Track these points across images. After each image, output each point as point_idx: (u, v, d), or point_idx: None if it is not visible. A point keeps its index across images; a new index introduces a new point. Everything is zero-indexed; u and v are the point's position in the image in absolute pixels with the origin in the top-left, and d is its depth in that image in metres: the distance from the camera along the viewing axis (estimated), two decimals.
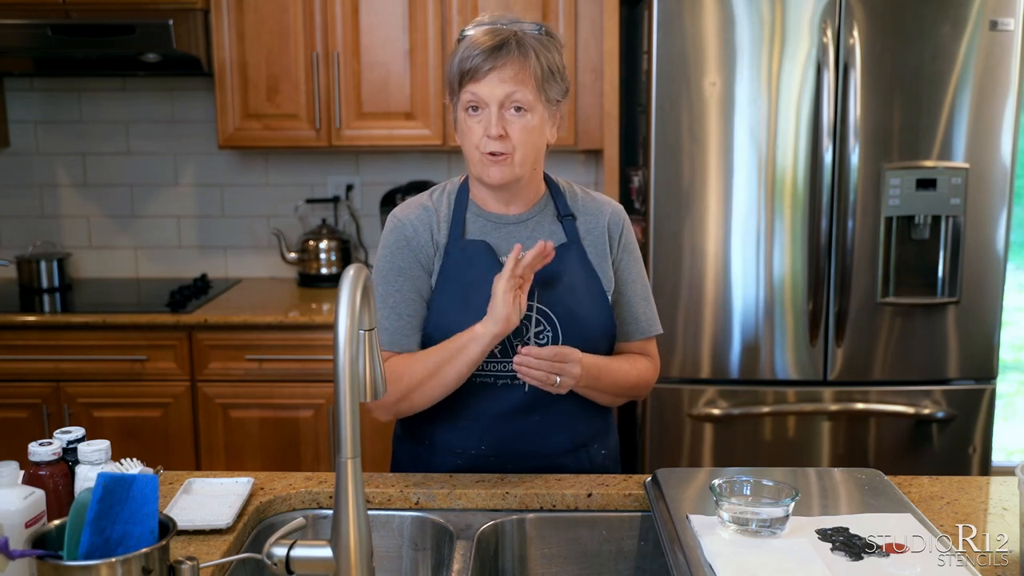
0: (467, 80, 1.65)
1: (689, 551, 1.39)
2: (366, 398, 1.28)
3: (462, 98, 1.67)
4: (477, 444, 1.75)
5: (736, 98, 2.81)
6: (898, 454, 2.95)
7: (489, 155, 1.67)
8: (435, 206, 1.78)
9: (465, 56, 1.65)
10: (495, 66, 1.63)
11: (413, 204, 1.79)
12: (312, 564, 1.25)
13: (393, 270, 1.74)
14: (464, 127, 1.69)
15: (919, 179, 2.82)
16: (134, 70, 3.50)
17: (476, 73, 1.64)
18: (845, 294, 2.86)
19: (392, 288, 1.74)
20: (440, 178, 3.60)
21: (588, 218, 1.80)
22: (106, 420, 3.11)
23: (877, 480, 1.64)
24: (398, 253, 1.75)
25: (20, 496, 1.28)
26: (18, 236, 3.68)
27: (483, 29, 1.67)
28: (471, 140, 1.68)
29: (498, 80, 1.63)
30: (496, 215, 1.77)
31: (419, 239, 1.74)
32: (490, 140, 1.65)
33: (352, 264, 1.26)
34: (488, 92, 1.64)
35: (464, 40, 1.69)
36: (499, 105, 1.64)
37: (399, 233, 1.76)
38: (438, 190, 1.82)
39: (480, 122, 1.66)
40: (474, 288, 1.68)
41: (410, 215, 1.77)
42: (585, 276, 1.75)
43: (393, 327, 1.73)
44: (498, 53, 1.63)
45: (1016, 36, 2.77)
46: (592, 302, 1.75)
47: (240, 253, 3.72)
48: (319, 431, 3.14)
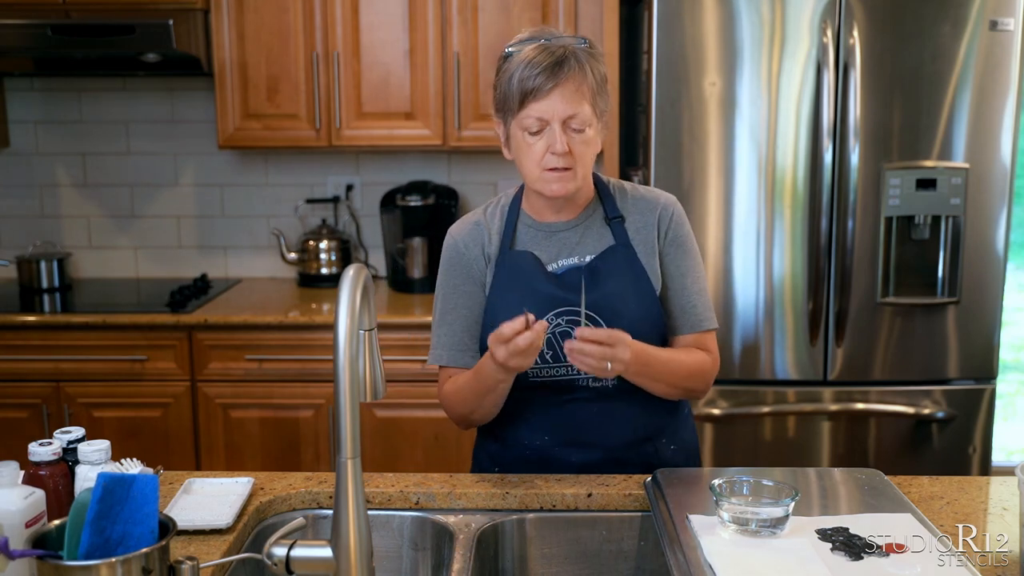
0: (529, 99, 1.64)
1: (689, 551, 1.39)
2: (366, 398, 1.28)
3: (522, 119, 1.66)
4: (541, 435, 1.79)
5: (736, 98, 2.81)
6: (898, 454, 2.95)
7: (552, 170, 1.67)
8: (487, 221, 1.81)
9: (525, 75, 1.64)
10: (556, 84, 1.63)
11: (467, 220, 1.83)
12: (312, 564, 1.25)
13: (448, 288, 1.81)
14: (522, 144, 1.69)
15: (919, 179, 2.82)
16: (134, 70, 3.50)
17: (538, 93, 1.63)
18: (845, 294, 2.86)
19: (449, 305, 1.80)
20: (440, 178, 3.61)
21: (637, 217, 1.80)
22: (106, 420, 3.11)
23: (877, 480, 1.64)
24: (452, 271, 1.81)
25: (20, 496, 1.28)
26: (18, 236, 3.68)
27: (534, 46, 1.66)
28: (532, 157, 1.68)
29: (560, 98, 1.64)
30: (546, 224, 1.79)
31: (470, 254, 1.79)
32: (554, 158, 1.66)
33: (352, 264, 1.26)
34: (551, 110, 1.64)
35: (513, 58, 1.68)
36: (561, 122, 1.65)
37: (453, 251, 1.81)
38: (493, 203, 1.85)
39: (541, 140, 1.66)
40: (523, 297, 1.72)
41: (462, 232, 1.81)
42: (633, 277, 1.76)
43: (450, 343, 1.79)
44: (559, 71, 1.64)
45: (1016, 36, 2.77)
46: (640, 302, 1.75)
47: (240, 253, 3.72)
48: (319, 431, 3.14)
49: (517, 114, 1.67)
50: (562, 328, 1.72)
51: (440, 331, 1.80)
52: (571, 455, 1.77)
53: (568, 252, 1.77)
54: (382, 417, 3.12)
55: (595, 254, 1.76)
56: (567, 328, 1.71)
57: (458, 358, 1.79)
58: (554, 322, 1.72)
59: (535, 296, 1.73)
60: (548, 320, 1.71)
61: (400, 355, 3.05)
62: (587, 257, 1.76)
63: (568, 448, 1.78)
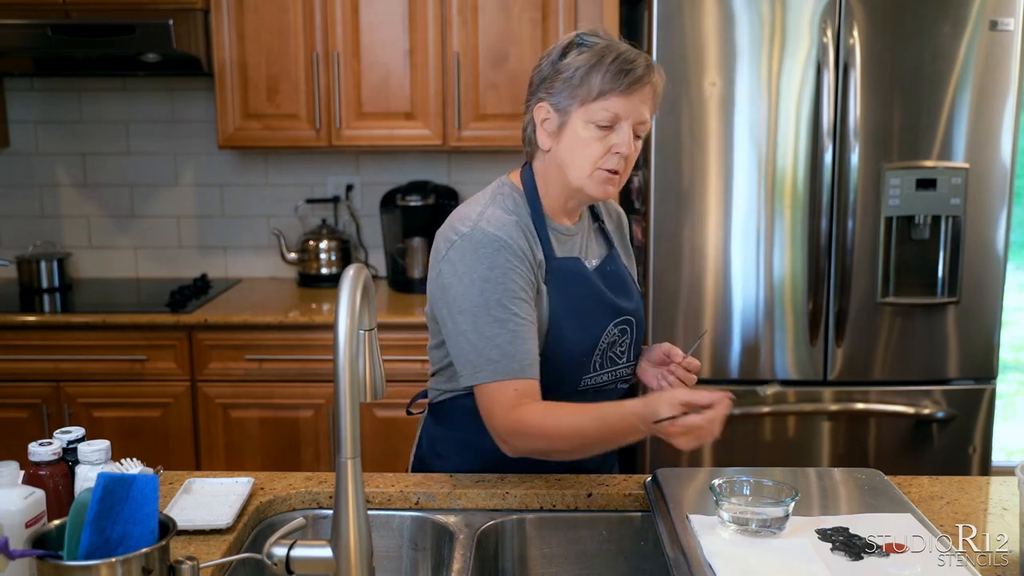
0: (613, 93, 1.57)
1: (689, 551, 1.39)
2: (366, 398, 1.28)
3: (594, 110, 1.58)
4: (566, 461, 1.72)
5: (736, 98, 2.81)
6: (898, 454, 2.95)
7: (608, 171, 1.62)
8: (521, 220, 1.66)
9: (616, 69, 1.56)
10: (643, 85, 1.58)
11: (503, 220, 1.64)
12: (312, 564, 1.25)
13: (509, 292, 1.59)
14: (583, 138, 1.60)
15: (919, 179, 2.82)
16: (134, 70, 3.50)
17: (627, 89, 1.57)
18: (845, 294, 2.86)
19: (510, 311, 1.59)
20: (440, 178, 3.61)
21: (609, 220, 1.84)
22: (106, 420, 3.11)
23: (877, 480, 1.64)
24: (510, 274, 1.60)
25: (20, 496, 1.28)
26: (18, 236, 3.68)
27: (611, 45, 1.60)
28: (591, 155, 1.60)
29: (640, 100, 1.59)
30: (562, 227, 1.72)
31: (528, 258, 1.63)
32: (616, 157, 1.60)
33: (352, 264, 1.26)
34: (631, 110, 1.58)
35: (588, 49, 1.59)
36: (632, 125, 1.60)
37: (508, 253, 1.61)
38: (508, 200, 1.69)
39: (605, 138, 1.59)
40: (581, 304, 1.67)
41: (511, 232, 1.62)
42: (630, 279, 1.80)
43: (518, 353, 1.58)
44: (648, 73, 1.59)
45: (1016, 36, 2.77)
46: (639, 299, 1.79)
47: (240, 253, 3.72)
48: (319, 431, 3.14)
49: (589, 104, 1.58)
50: (613, 336, 1.71)
51: (504, 339, 1.57)
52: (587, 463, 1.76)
53: (583, 256, 1.74)
54: (382, 417, 3.12)
55: (598, 258, 1.76)
56: (616, 336, 1.71)
57: (528, 370, 1.59)
58: (612, 332, 1.70)
59: (597, 305, 1.68)
60: (609, 331, 1.69)
61: (400, 355, 3.05)
62: (594, 260, 1.75)
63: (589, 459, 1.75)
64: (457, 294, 1.61)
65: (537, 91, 1.65)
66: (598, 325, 1.68)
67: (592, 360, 1.69)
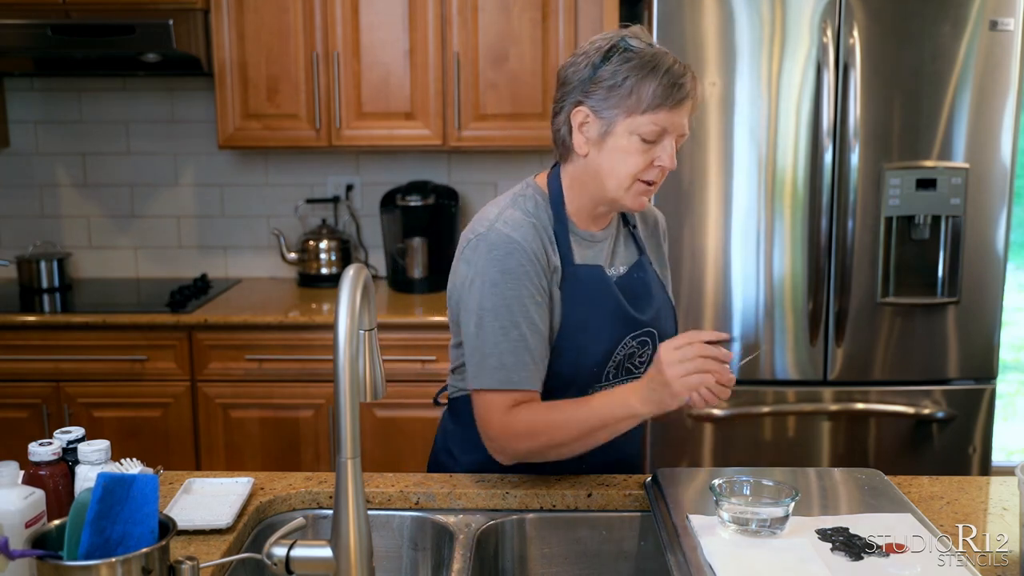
0: (664, 107, 1.53)
1: (689, 551, 1.39)
2: (366, 398, 1.28)
3: (643, 123, 1.54)
4: (578, 466, 1.71)
5: (736, 98, 2.81)
6: (898, 454, 2.95)
7: (646, 183, 1.60)
8: (540, 223, 1.63)
9: (665, 83, 1.53)
10: (689, 100, 1.56)
11: (520, 221, 1.61)
12: (312, 564, 1.25)
13: (517, 299, 1.57)
14: (628, 149, 1.56)
15: (919, 179, 2.82)
16: (134, 70, 3.50)
17: (676, 104, 1.54)
18: (845, 294, 2.86)
19: (515, 319, 1.57)
20: (440, 178, 3.61)
21: (644, 227, 1.81)
22: (106, 420, 3.11)
23: (877, 480, 1.64)
24: (522, 279, 1.57)
25: (20, 496, 1.28)
26: (18, 236, 3.68)
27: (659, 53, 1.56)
28: (633, 167, 1.57)
29: (685, 114, 1.57)
30: (588, 233, 1.69)
31: (541, 262, 1.60)
32: (657, 170, 1.58)
33: (352, 264, 1.26)
34: (678, 124, 1.56)
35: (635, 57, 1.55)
36: (675, 138, 1.58)
37: (522, 257, 1.58)
38: (529, 202, 1.66)
39: (649, 151, 1.56)
40: (596, 314, 1.64)
41: (527, 236, 1.59)
42: (660, 286, 1.77)
43: (519, 363, 1.57)
44: (694, 86, 1.57)
45: (1016, 36, 2.77)
46: (668, 309, 1.76)
47: (240, 253, 3.72)
48: (319, 431, 3.14)
49: (639, 116, 1.54)
50: (631, 349, 1.68)
51: (505, 347, 1.56)
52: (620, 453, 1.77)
53: (608, 263, 1.70)
54: (382, 417, 3.12)
55: (627, 265, 1.73)
56: (635, 349, 1.68)
57: (528, 379, 1.58)
58: (629, 345, 1.67)
59: (613, 316, 1.64)
60: (626, 343, 1.66)
61: (400, 355, 3.05)
62: (622, 268, 1.72)
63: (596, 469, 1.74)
64: (468, 295, 1.61)
65: (574, 92, 1.60)
66: (613, 337, 1.64)
67: (605, 370, 1.66)
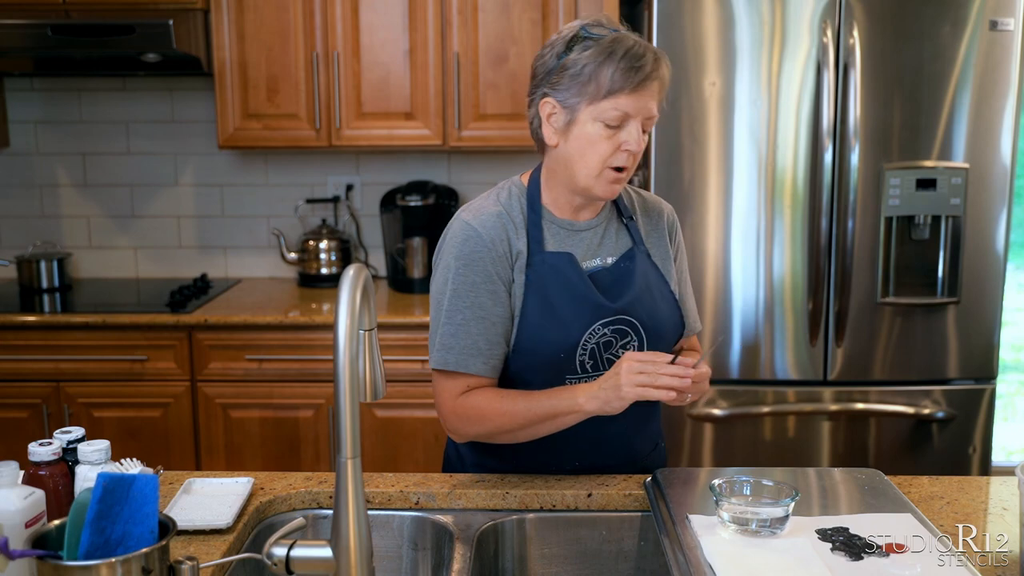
0: (623, 92, 1.54)
1: (689, 551, 1.39)
2: (366, 398, 1.28)
3: (604, 109, 1.55)
4: (571, 460, 1.72)
5: (736, 98, 2.81)
6: (898, 454, 2.95)
7: (613, 169, 1.59)
8: (508, 212, 1.66)
9: (623, 67, 1.53)
10: (653, 81, 1.56)
11: (485, 210, 1.66)
12: (312, 564, 1.25)
13: (465, 284, 1.62)
14: (592, 137, 1.57)
15: (919, 179, 2.82)
16: (134, 70, 3.50)
17: (637, 86, 1.54)
18: (845, 294, 2.86)
19: (463, 304, 1.62)
20: (440, 178, 3.61)
21: (646, 220, 1.78)
22: (106, 420, 3.11)
23: (877, 480, 1.64)
24: (473, 266, 1.62)
25: (20, 496, 1.28)
26: (18, 236, 3.68)
27: (618, 37, 1.57)
28: (600, 153, 1.58)
29: (650, 96, 1.57)
30: (568, 222, 1.69)
31: (498, 249, 1.63)
32: (625, 155, 1.58)
33: (352, 264, 1.26)
34: (641, 107, 1.56)
35: (595, 44, 1.56)
36: (640, 122, 1.58)
37: (476, 244, 1.62)
38: (504, 192, 1.70)
39: (613, 137, 1.57)
40: (561, 300, 1.63)
41: (486, 223, 1.64)
42: (656, 278, 1.73)
43: (460, 347, 1.61)
44: (657, 68, 1.56)
45: (1016, 36, 2.77)
46: (664, 303, 1.72)
47: (240, 253, 3.72)
48: (319, 431, 3.14)
49: (599, 103, 1.55)
50: (606, 338, 1.66)
51: (447, 330, 1.62)
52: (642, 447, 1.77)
53: (592, 253, 1.69)
54: (382, 417, 3.12)
55: (616, 256, 1.71)
56: (611, 338, 1.66)
57: (470, 363, 1.62)
58: (600, 332, 1.65)
59: (580, 303, 1.63)
60: (595, 330, 1.64)
61: (400, 355, 3.05)
62: (609, 259, 1.70)
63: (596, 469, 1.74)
64: (432, 282, 1.69)
65: (541, 84, 1.62)
66: (578, 324, 1.63)
67: (576, 359, 1.64)
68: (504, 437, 1.65)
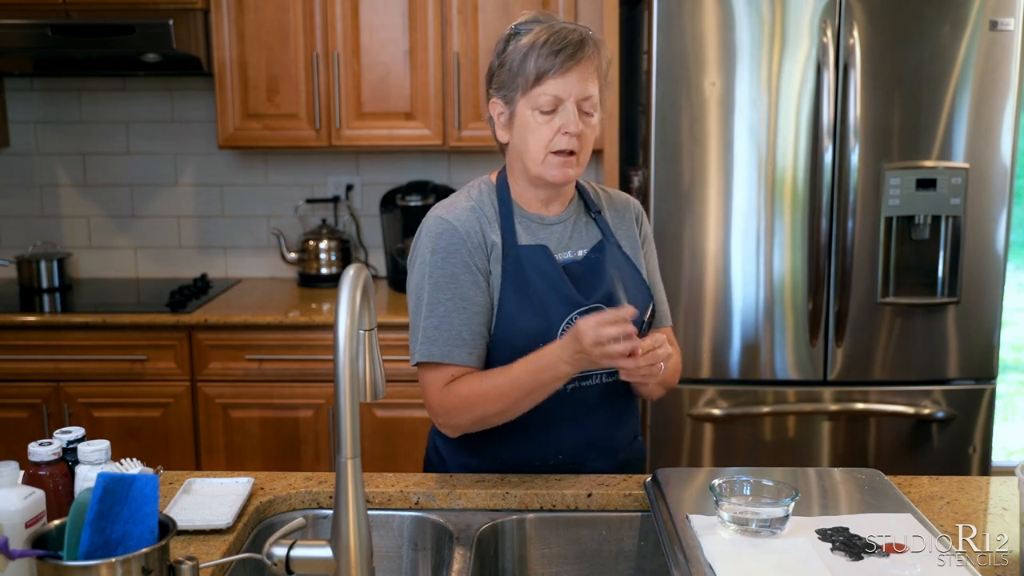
0: (548, 76, 1.60)
1: (689, 551, 1.39)
2: (366, 398, 1.28)
3: (535, 96, 1.61)
4: (555, 454, 1.73)
5: (736, 98, 2.81)
6: (898, 454, 2.95)
7: (557, 153, 1.63)
8: (480, 207, 1.70)
9: (544, 52, 1.60)
10: (577, 63, 1.60)
11: (457, 206, 1.70)
12: (312, 564, 1.25)
13: (444, 276, 1.65)
14: (530, 126, 1.63)
15: (919, 179, 2.82)
16: (134, 70, 3.50)
17: (559, 70, 1.59)
18: (845, 294, 2.86)
19: (444, 296, 1.65)
20: (440, 178, 3.61)
21: (614, 213, 1.82)
22: (106, 420, 3.11)
23: (877, 480, 1.64)
24: (451, 258, 1.65)
25: (20, 496, 1.28)
26: (18, 236, 3.68)
27: (546, 27, 1.63)
28: (540, 139, 1.63)
29: (578, 78, 1.61)
30: (538, 216, 1.73)
31: (473, 241, 1.67)
32: (565, 137, 1.62)
33: (352, 264, 1.26)
34: (569, 89, 1.60)
35: (525, 36, 1.63)
36: (576, 103, 1.61)
37: (452, 236, 1.66)
38: (474, 190, 1.74)
39: (551, 121, 1.62)
40: (539, 291, 1.66)
41: (460, 216, 1.68)
42: (628, 269, 1.77)
43: (444, 338, 1.64)
44: (580, 50, 1.61)
45: (1016, 36, 2.77)
46: (638, 293, 1.75)
47: (240, 253, 3.72)
48: (319, 431, 3.14)
49: (530, 91, 1.61)
50: None
51: (430, 323, 1.65)
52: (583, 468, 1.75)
53: (564, 246, 1.73)
54: (382, 417, 3.12)
55: (586, 248, 1.74)
56: None
57: (455, 353, 1.64)
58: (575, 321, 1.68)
59: (557, 293, 1.67)
60: (572, 319, 1.66)
61: (400, 355, 3.03)
62: (580, 251, 1.74)
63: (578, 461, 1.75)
64: (409, 277, 1.72)
65: (489, 87, 1.71)
66: (553, 313, 1.66)
67: None
68: (495, 419, 1.65)
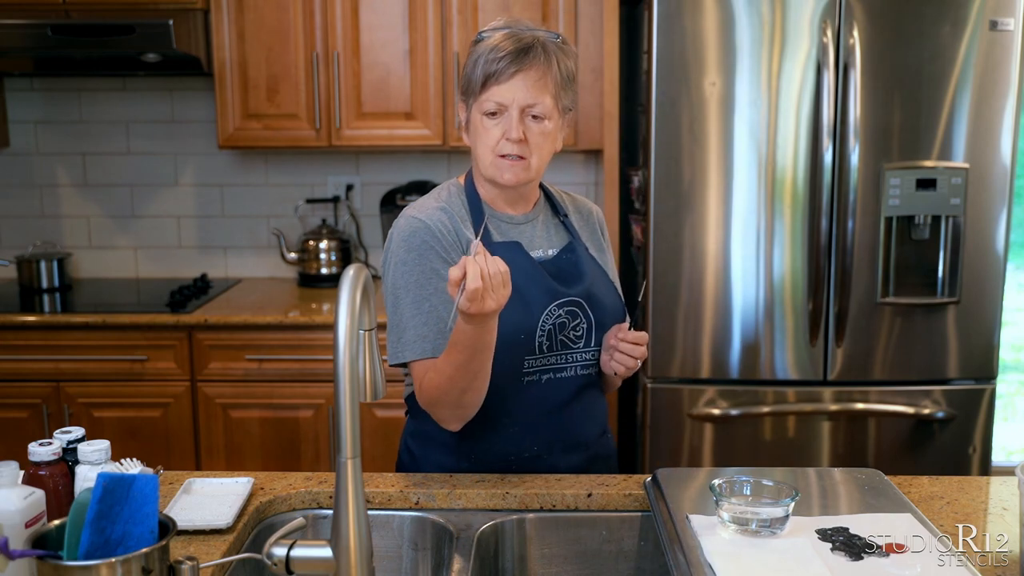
0: (491, 83, 1.64)
1: (689, 551, 1.39)
2: (366, 398, 1.28)
3: (482, 102, 1.66)
4: (530, 446, 1.74)
5: (736, 98, 2.81)
6: (898, 454, 2.95)
7: (503, 157, 1.67)
8: (450, 206, 1.74)
9: (490, 59, 1.64)
10: (520, 70, 1.63)
11: (427, 206, 1.73)
12: (312, 564, 1.25)
13: (425, 273, 1.67)
14: (480, 129, 1.68)
15: (919, 179, 2.82)
16: (134, 70, 3.50)
17: (500, 76, 1.63)
18: (845, 294, 2.86)
19: (427, 292, 1.66)
20: (440, 178, 3.61)
21: (579, 217, 1.88)
22: (106, 420, 3.11)
23: (877, 480, 1.64)
24: (427, 254, 1.68)
25: (20, 496, 1.28)
26: (18, 236, 3.68)
27: (504, 33, 1.67)
28: (487, 142, 1.67)
29: (521, 85, 1.64)
30: (507, 215, 1.77)
31: (447, 238, 1.69)
32: (508, 143, 1.65)
33: (352, 264, 1.26)
34: (511, 96, 1.64)
35: (482, 43, 1.68)
36: (520, 109, 1.64)
37: (426, 234, 1.68)
38: (443, 192, 1.78)
39: (498, 125, 1.66)
40: (519, 285, 1.66)
41: (431, 216, 1.70)
42: (596, 268, 1.81)
43: (433, 333, 1.65)
44: (524, 57, 1.64)
45: (1016, 36, 2.77)
46: (608, 291, 1.80)
47: (240, 253, 3.72)
48: (319, 431, 3.14)
49: (478, 97, 1.66)
50: (561, 319, 1.72)
51: (419, 320, 1.65)
52: (558, 462, 1.76)
53: (535, 244, 1.77)
54: (382, 417, 3.12)
55: (557, 248, 1.78)
56: (565, 319, 1.72)
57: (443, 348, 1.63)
58: (555, 313, 1.71)
59: (537, 285, 1.70)
60: (551, 311, 1.70)
61: None
62: (551, 251, 1.78)
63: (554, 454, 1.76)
64: (384, 278, 1.72)
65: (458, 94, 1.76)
66: (535, 305, 1.69)
67: (537, 342, 1.69)
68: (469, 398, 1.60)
